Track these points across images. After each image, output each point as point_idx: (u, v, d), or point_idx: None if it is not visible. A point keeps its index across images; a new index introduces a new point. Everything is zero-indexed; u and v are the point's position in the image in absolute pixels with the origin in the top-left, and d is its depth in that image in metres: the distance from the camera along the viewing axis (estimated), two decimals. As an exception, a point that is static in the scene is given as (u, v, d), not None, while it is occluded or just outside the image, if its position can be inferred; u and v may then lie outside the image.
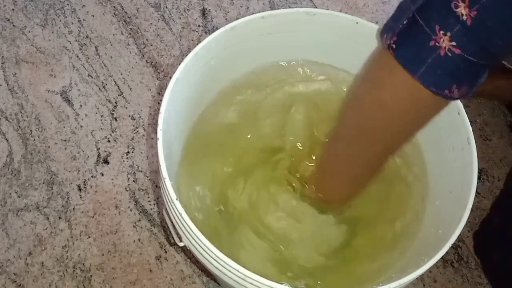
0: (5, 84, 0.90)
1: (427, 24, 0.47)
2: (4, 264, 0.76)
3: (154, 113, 0.89)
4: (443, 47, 0.47)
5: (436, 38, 0.47)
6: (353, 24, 0.68)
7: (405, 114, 0.55)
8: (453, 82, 0.49)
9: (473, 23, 0.45)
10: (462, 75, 0.49)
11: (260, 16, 0.67)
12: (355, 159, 0.62)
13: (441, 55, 0.47)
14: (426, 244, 0.61)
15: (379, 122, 0.56)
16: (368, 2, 1.04)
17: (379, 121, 0.56)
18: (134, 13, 0.99)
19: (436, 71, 0.48)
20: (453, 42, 0.46)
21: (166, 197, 0.57)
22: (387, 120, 0.56)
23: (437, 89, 0.49)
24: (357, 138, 0.60)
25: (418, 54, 0.49)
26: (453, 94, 0.50)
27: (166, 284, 0.76)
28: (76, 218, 0.80)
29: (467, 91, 0.51)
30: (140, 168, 0.84)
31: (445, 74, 0.48)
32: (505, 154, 0.91)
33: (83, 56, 0.94)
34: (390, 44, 0.50)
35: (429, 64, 0.48)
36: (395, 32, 0.50)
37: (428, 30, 0.47)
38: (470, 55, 0.46)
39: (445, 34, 0.46)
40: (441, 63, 0.48)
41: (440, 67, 0.48)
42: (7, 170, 0.83)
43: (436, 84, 0.49)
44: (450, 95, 0.50)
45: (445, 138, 0.66)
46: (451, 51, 0.46)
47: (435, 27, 0.46)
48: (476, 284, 0.80)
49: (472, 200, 0.58)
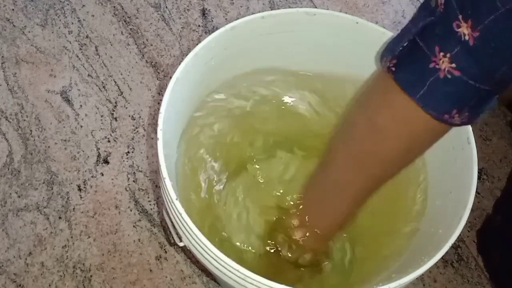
0: (5, 84, 0.90)
1: (427, 46, 0.45)
2: (4, 264, 0.76)
3: (154, 113, 0.89)
4: (443, 69, 0.45)
5: (436, 60, 0.45)
6: (353, 24, 0.68)
7: (401, 140, 0.52)
8: (454, 107, 0.47)
9: (476, 44, 0.42)
10: (463, 100, 0.46)
11: (260, 16, 0.67)
12: (345, 186, 0.58)
13: (441, 77, 0.45)
14: (426, 244, 0.61)
15: (373, 147, 0.53)
16: (368, 2, 1.04)
17: (373, 146, 0.53)
18: (134, 13, 0.99)
19: (436, 94, 0.46)
20: (453, 64, 0.44)
21: (166, 197, 0.57)
22: (381, 146, 0.53)
23: (437, 113, 0.47)
24: (348, 165, 0.57)
25: (417, 77, 0.46)
26: (454, 119, 0.48)
27: (166, 284, 0.76)
28: (76, 218, 0.80)
29: (470, 118, 0.48)
30: (140, 168, 0.84)
31: (444, 97, 0.46)
32: (505, 154, 0.91)
33: (83, 56, 0.94)
34: (389, 66, 0.49)
35: (428, 87, 0.46)
36: (395, 55, 0.48)
37: (427, 52, 0.45)
38: (471, 79, 0.44)
39: (445, 55, 0.44)
40: (440, 86, 0.45)
41: (439, 90, 0.46)
42: (7, 170, 0.83)
43: (435, 107, 0.47)
44: (450, 120, 0.48)
45: (445, 138, 0.66)
46: (450, 73, 0.44)
47: (435, 49, 0.45)
48: (476, 284, 0.80)
49: (472, 200, 0.58)
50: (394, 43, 0.49)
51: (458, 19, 0.43)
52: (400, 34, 0.49)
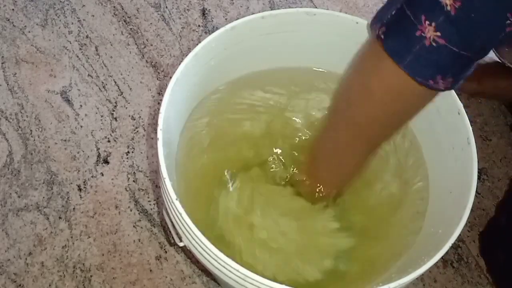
0: (5, 84, 0.90)
1: (414, 15, 0.47)
2: (4, 264, 0.76)
3: (154, 113, 0.89)
4: (428, 37, 0.47)
5: (422, 28, 0.47)
6: (353, 24, 0.68)
7: (392, 103, 0.55)
8: (438, 73, 0.49)
9: (457, 13, 0.45)
10: (446, 66, 0.49)
11: (260, 16, 0.67)
12: (346, 148, 0.63)
13: (426, 45, 0.48)
14: (426, 244, 0.61)
15: (367, 110, 0.57)
16: (368, 2, 1.04)
17: (367, 109, 0.57)
18: (134, 13, 0.99)
19: (421, 61, 0.49)
20: (438, 32, 0.46)
21: (166, 197, 0.57)
22: (375, 109, 0.56)
23: (422, 79, 0.50)
24: (346, 127, 0.61)
25: (404, 44, 0.49)
26: (438, 84, 0.50)
27: (166, 284, 0.76)
28: (76, 218, 0.80)
29: (453, 83, 0.51)
30: (140, 168, 0.84)
31: (429, 64, 0.49)
32: (505, 154, 0.91)
33: (83, 56, 0.94)
34: (379, 34, 0.51)
35: (415, 54, 0.49)
36: (384, 23, 0.51)
37: (414, 20, 0.47)
38: (454, 46, 0.47)
39: (430, 24, 0.46)
40: (426, 53, 0.48)
41: (425, 57, 0.48)
42: (7, 170, 0.83)
43: (420, 74, 0.50)
44: (435, 85, 0.50)
45: (445, 138, 0.66)
46: (435, 41, 0.47)
47: (421, 17, 0.47)
48: (476, 284, 0.80)
49: (472, 200, 0.58)
50: (383, 11, 0.52)
51: None
52: (389, 2, 0.52)
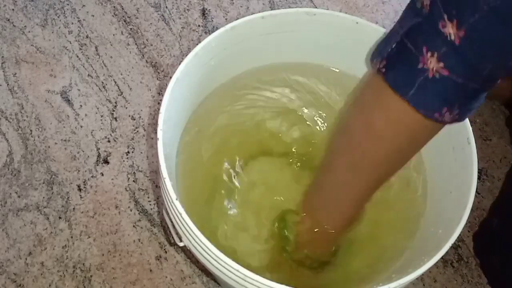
0: (5, 84, 0.90)
1: (415, 46, 0.46)
2: (4, 264, 0.76)
3: (154, 113, 0.89)
4: (431, 68, 0.45)
5: (424, 60, 0.46)
6: (353, 24, 0.68)
7: (396, 139, 0.53)
8: (444, 105, 0.47)
9: (461, 43, 0.43)
10: (452, 98, 0.47)
11: (260, 16, 0.67)
12: (346, 190, 0.59)
13: (429, 77, 0.46)
14: (426, 244, 0.61)
15: (370, 148, 0.54)
16: (368, 2, 1.04)
17: (370, 147, 0.54)
18: (134, 13, 0.99)
19: (425, 94, 0.47)
20: (441, 63, 0.45)
21: (166, 197, 0.57)
22: (378, 146, 0.54)
23: (427, 112, 0.48)
24: (347, 167, 0.58)
25: (407, 77, 0.47)
26: (444, 117, 0.48)
27: (166, 284, 0.76)
28: (76, 218, 0.80)
29: (460, 115, 0.49)
30: (140, 168, 0.84)
31: (434, 96, 0.47)
32: (505, 154, 0.91)
33: (83, 56, 0.94)
34: (379, 68, 0.50)
35: (418, 87, 0.47)
36: (384, 56, 0.49)
37: (415, 52, 0.46)
38: (459, 77, 0.45)
39: (433, 55, 0.45)
40: (429, 85, 0.46)
41: (429, 90, 0.47)
42: (7, 170, 0.83)
43: (425, 106, 0.48)
44: (441, 118, 0.48)
45: (445, 138, 0.66)
46: (439, 73, 0.45)
47: (423, 49, 0.45)
48: (476, 284, 0.80)
49: (472, 200, 0.58)
50: (383, 45, 0.50)
51: (443, 19, 0.43)
52: (388, 36, 0.50)
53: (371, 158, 0.55)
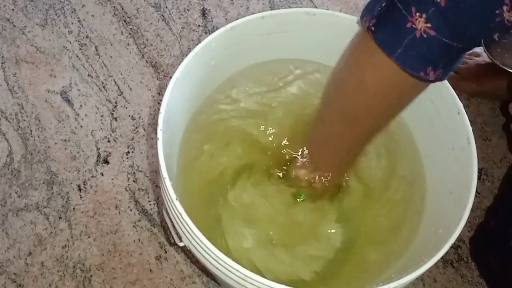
0: (5, 84, 0.90)
1: (405, 6, 0.48)
2: (4, 264, 0.76)
3: (154, 113, 0.89)
4: (419, 28, 0.47)
5: (413, 20, 0.47)
6: (353, 24, 0.68)
7: (386, 95, 0.55)
8: (429, 64, 0.50)
9: (447, 4, 0.45)
10: (437, 57, 0.49)
11: (260, 16, 0.67)
12: (341, 141, 0.63)
13: (417, 36, 0.48)
14: (426, 244, 0.61)
15: (361, 102, 0.57)
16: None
17: (361, 101, 0.57)
18: (134, 13, 0.99)
19: (412, 53, 0.49)
20: (429, 24, 0.47)
21: (166, 197, 0.57)
22: (369, 101, 0.57)
23: (413, 71, 0.50)
24: (341, 120, 0.61)
25: (395, 36, 0.49)
26: (429, 76, 0.51)
27: (166, 284, 0.76)
28: (76, 218, 0.80)
29: (443, 74, 0.51)
30: (140, 168, 0.84)
31: (420, 56, 0.49)
32: (505, 154, 0.91)
33: (83, 56, 0.94)
34: (369, 26, 0.51)
35: (405, 46, 0.49)
36: (374, 15, 0.51)
37: (405, 12, 0.48)
38: (445, 37, 0.47)
39: (421, 16, 0.47)
40: (416, 45, 0.48)
41: (415, 49, 0.49)
42: (7, 170, 0.83)
43: (411, 65, 0.50)
44: (425, 77, 0.51)
45: (445, 138, 0.66)
46: (426, 33, 0.47)
47: (412, 9, 0.47)
48: (476, 284, 0.80)
49: (472, 200, 0.58)
50: (373, 3, 0.52)
51: None
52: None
53: (362, 111, 0.58)
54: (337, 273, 0.67)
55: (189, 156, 0.69)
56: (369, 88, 0.55)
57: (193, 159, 0.70)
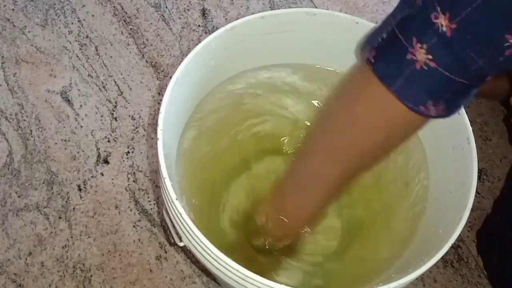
0: (5, 84, 0.90)
1: (405, 37, 0.46)
2: (4, 264, 0.76)
3: (154, 113, 0.90)
4: (419, 60, 0.45)
5: (413, 51, 0.45)
6: (353, 24, 0.68)
7: (379, 131, 0.52)
8: (429, 98, 0.47)
9: (452, 35, 0.43)
10: (438, 92, 0.47)
11: (260, 16, 0.67)
12: (319, 175, 0.58)
13: (417, 68, 0.45)
14: (426, 244, 0.61)
15: (352, 138, 0.54)
16: (368, 2, 1.04)
17: (352, 137, 0.54)
18: (134, 13, 0.99)
19: (412, 85, 0.46)
20: (429, 56, 0.44)
21: (166, 197, 0.57)
22: (359, 136, 0.53)
23: (412, 104, 0.47)
24: (325, 155, 0.57)
25: (395, 68, 0.47)
26: (429, 111, 0.48)
27: (166, 284, 0.76)
28: (76, 218, 0.80)
29: (446, 110, 0.48)
30: (140, 168, 0.84)
31: (420, 89, 0.46)
32: (505, 154, 0.91)
33: (83, 56, 0.94)
34: (368, 58, 0.49)
35: (405, 78, 0.46)
36: (374, 46, 0.49)
37: (405, 43, 0.45)
38: (447, 70, 0.44)
39: (422, 47, 0.44)
40: (416, 77, 0.46)
41: (415, 81, 0.46)
42: (7, 170, 0.83)
43: (411, 98, 0.47)
44: (425, 112, 0.48)
45: (445, 138, 0.66)
46: (427, 65, 0.45)
47: (412, 40, 0.45)
48: (476, 284, 0.80)
49: (472, 200, 0.58)
50: (374, 35, 0.50)
51: (436, 11, 0.43)
52: (380, 26, 0.50)
53: (351, 147, 0.54)
54: (336, 273, 0.67)
55: (189, 156, 0.69)
56: (361, 122, 0.52)
57: (193, 159, 0.70)
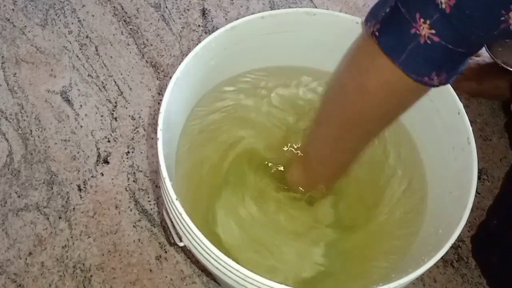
0: (5, 84, 0.90)
1: (408, 12, 0.48)
2: (4, 264, 0.76)
3: (154, 113, 0.90)
4: (423, 34, 0.47)
5: (417, 26, 0.48)
6: (353, 24, 0.68)
7: (387, 100, 0.56)
8: (433, 70, 0.50)
9: (452, 11, 0.45)
10: (441, 63, 0.50)
11: (260, 16, 0.67)
12: (338, 143, 0.63)
13: (421, 42, 0.48)
14: (426, 244, 0.61)
15: (361, 107, 0.57)
16: (368, 2, 1.04)
17: (361, 106, 0.57)
18: (134, 13, 0.99)
19: (416, 59, 0.49)
20: (433, 30, 0.47)
21: (166, 197, 0.57)
22: (369, 106, 0.57)
23: (417, 76, 0.51)
24: (340, 123, 0.61)
25: (399, 42, 0.49)
26: (433, 81, 0.51)
27: (166, 284, 0.76)
28: (76, 218, 0.80)
29: (447, 78, 0.52)
30: (140, 168, 0.84)
31: (424, 61, 0.49)
32: (505, 154, 0.91)
33: (83, 56, 0.94)
34: (373, 31, 0.52)
35: (410, 52, 0.49)
36: (378, 20, 0.51)
37: (409, 18, 0.48)
38: (449, 43, 0.47)
39: (425, 22, 0.47)
40: (421, 51, 0.49)
41: (420, 55, 0.49)
42: (7, 170, 0.83)
43: (416, 71, 0.50)
44: (429, 82, 0.51)
45: (445, 138, 0.66)
46: (430, 39, 0.47)
47: (416, 15, 0.47)
48: (476, 284, 0.80)
49: (472, 200, 0.58)
50: (378, 8, 0.52)
51: None
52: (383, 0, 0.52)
53: (363, 115, 0.58)
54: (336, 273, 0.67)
55: (190, 155, 0.69)
56: (370, 92, 0.55)
57: (193, 159, 0.70)
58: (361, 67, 0.56)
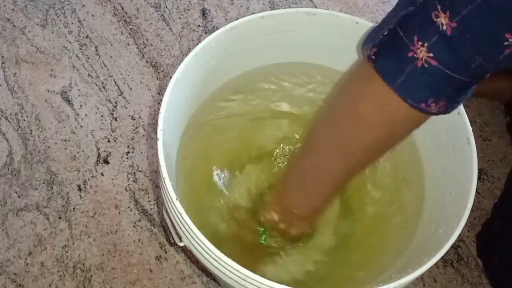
0: (5, 84, 0.90)
1: (406, 35, 0.46)
2: (4, 264, 0.76)
3: (154, 113, 0.89)
4: (420, 57, 0.45)
5: (414, 49, 0.45)
6: (353, 24, 0.68)
7: (382, 127, 0.53)
8: (430, 96, 0.47)
9: (453, 34, 0.43)
10: (439, 89, 0.47)
11: (260, 16, 0.67)
12: (325, 170, 0.59)
13: (418, 66, 0.46)
14: (426, 244, 0.61)
15: (355, 134, 0.55)
16: (368, 2, 1.04)
17: (354, 132, 0.54)
18: (134, 13, 0.99)
19: (413, 83, 0.47)
20: (430, 53, 0.45)
21: (166, 197, 0.57)
22: (362, 132, 0.54)
23: (413, 101, 0.48)
24: (329, 149, 0.58)
25: (396, 65, 0.47)
26: (430, 108, 0.48)
27: (166, 284, 0.76)
28: (76, 218, 0.80)
29: (446, 107, 0.49)
30: (140, 168, 0.84)
31: (421, 86, 0.47)
32: (505, 154, 0.91)
33: (83, 56, 0.94)
34: (370, 54, 0.50)
35: (406, 75, 0.47)
36: (375, 43, 0.49)
37: (406, 41, 0.46)
38: (448, 68, 0.45)
39: (423, 45, 0.45)
40: (418, 75, 0.46)
41: (417, 79, 0.47)
42: (7, 170, 0.83)
43: (412, 96, 0.48)
44: (426, 109, 0.48)
45: (445, 138, 0.66)
46: (428, 63, 0.45)
47: (414, 38, 0.45)
48: (476, 284, 0.80)
49: (472, 200, 0.58)
50: (375, 31, 0.50)
51: (436, 10, 0.43)
52: (381, 23, 0.50)
53: (355, 143, 0.55)
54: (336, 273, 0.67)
55: (190, 155, 0.69)
56: (364, 119, 0.53)
57: (194, 159, 0.70)
58: (355, 90, 0.54)
